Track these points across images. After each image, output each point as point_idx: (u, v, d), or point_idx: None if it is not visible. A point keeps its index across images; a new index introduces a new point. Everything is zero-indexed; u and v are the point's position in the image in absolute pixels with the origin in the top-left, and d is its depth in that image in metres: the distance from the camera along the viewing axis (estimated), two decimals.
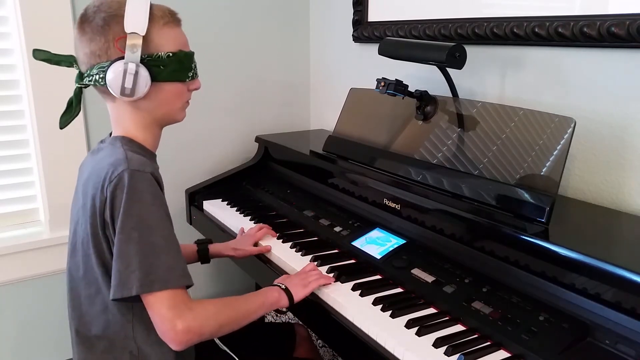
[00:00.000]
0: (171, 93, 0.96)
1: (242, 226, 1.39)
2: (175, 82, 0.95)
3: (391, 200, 1.25)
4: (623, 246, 1.01)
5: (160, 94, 0.95)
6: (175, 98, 0.97)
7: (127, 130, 0.97)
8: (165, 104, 0.97)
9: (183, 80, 0.96)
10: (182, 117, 1.01)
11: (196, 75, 0.99)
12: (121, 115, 0.97)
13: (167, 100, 0.96)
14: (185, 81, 0.96)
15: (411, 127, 1.33)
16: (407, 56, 1.27)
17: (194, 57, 0.98)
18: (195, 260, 1.31)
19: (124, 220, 0.85)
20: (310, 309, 1.08)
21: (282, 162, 1.69)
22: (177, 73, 0.94)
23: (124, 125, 0.97)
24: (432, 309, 0.99)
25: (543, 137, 1.05)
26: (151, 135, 0.99)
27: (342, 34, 1.89)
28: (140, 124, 0.97)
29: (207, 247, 1.32)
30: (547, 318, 0.88)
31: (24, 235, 1.64)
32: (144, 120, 0.97)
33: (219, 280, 2.03)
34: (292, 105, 2.10)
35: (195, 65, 0.99)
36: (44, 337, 1.72)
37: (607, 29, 1.09)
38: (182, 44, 0.96)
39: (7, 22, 1.53)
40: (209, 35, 1.83)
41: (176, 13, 0.96)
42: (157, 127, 1.00)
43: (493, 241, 1.02)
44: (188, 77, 0.96)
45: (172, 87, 0.95)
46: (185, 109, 1.01)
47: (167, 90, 0.95)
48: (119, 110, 0.96)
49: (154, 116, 0.98)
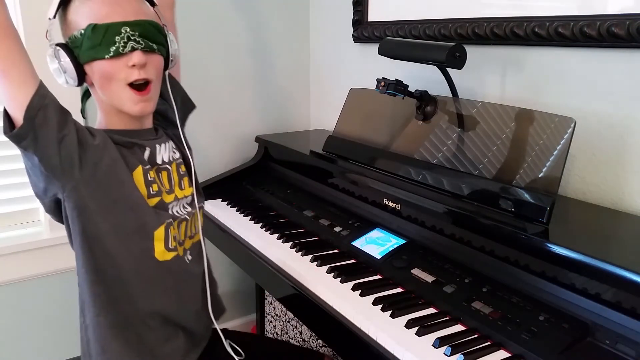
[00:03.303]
0: (99, 73, 0.87)
1: None
2: (98, 60, 0.85)
3: (391, 200, 1.25)
4: (623, 246, 1.01)
5: (95, 76, 0.88)
6: (105, 78, 0.87)
7: (98, 120, 0.96)
8: (103, 88, 0.88)
9: (101, 57, 0.84)
10: (130, 106, 0.89)
11: (125, 49, 0.85)
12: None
13: (102, 83, 0.88)
14: (104, 57, 0.84)
15: (411, 127, 1.33)
16: (407, 56, 1.27)
17: (118, 27, 0.84)
18: None
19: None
20: (310, 309, 1.09)
21: (282, 162, 1.69)
22: (92, 50, 0.84)
23: (98, 116, 0.96)
24: (432, 309, 0.99)
25: (543, 137, 1.05)
26: (117, 119, 0.94)
27: (342, 34, 1.88)
28: (103, 110, 0.94)
29: None
30: (547, 318, 0.88)
31: (24, 235, 1.64)
32: (104, 107, 0.94)
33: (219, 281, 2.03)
34: (292, 105, 2.10)
35: (124, 37, 0.85)
36: (44, 337, 1.72)
37: (607, 29, 1.09)
38: (96, 16, 0.84)
39: None
40: (208, 35, 1.83)
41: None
42: (122, 114, 0.92)
43: (493, 241, 1.02)
44: (109, 52, 0.84)
45: (99, 66, 0.86)
46: (135, 96, 0.88)
47: (97, 71, 0.87)
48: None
49: (108, 102, 0.91)
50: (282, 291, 1.19)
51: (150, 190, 0.96)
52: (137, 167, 0.94)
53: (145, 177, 0.95)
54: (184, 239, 1.03)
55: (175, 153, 1.05)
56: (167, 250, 0.97)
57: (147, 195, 0.95)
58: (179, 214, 1.02)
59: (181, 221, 1.02)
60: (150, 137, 1.01)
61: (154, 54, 0.91)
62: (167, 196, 1.00)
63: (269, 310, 1.86)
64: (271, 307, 1.84)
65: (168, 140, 1.04)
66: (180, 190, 1.04)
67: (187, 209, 1.05)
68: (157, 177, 0.99)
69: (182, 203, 1.04)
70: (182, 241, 1.02)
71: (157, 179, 0.98)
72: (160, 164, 1.00)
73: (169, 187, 1.01)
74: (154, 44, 0.90)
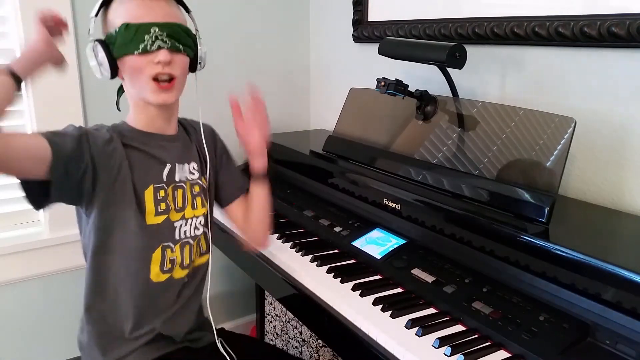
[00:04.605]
0: (129, 67, 0.95)
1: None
2: (129, 56, 0.93)
3: (391, 200, 1.25)
4: (623, 246, 1.01)
5: (125, 70, 0.96)
6: (134, 72, 0.94)
7: (130, 112, 1.03)
8: (132, 80, 0.97)
9: (131, 52, 0.92)
10: (153, 96, 0.96)
11: (153, 47, 0.92)
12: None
13: (131, 76, 0.96)
14: (134, 53, 0.92)
15: (411, 127, 1.33)
16: (407, 56, 1.27)
17: (147, 27, 0.92)
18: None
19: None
20: (310, 309, 1.09)
21: (282, 162, 1.69)
22: (124, 46, 0.92)
23: (130, 111, 1.03)
24: (432, 309, 0.99)
25: (543, 137, 1.05)
26: (144, 115, 1.01)
27: (342, 34, 1.88)
28: (132, 104, 1.01)
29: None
30: (547, 318, 0.88)
31: (24, 235, 1.63)
32: (132, 99, 1.01)
33: (219, 281, 2.03)
34: (292, 105, 2.10)
35: (152, 36, 0.92)
36: (45, 337, 1.72)
37: (607, 28, 1.09)
38: (130, 17, 0.92)
39: (6, 22, 1.53)
40: (208, 35, 1.82)
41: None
42: (149, 106, 1.00)
43: (493, 241, 1.02)
44: (138, 48, 0.92)
45: (129, 61, 0.94)
46: (157, 87, 0.95)
47: (128, 66, 0.94)
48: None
49: (136, 94, 0.99)
50: (282, 291, 1.19)
51: (158, 209, 1.00)
52: (148, 187, 0.99)
53: (155, 196, 1.00)
54: (189, 263, 1.06)
55: (194, 174, 1.08)
56: (161, 272, 1.01)
57: (155, 213, 0.99)
58: (182, 237, 1.04)
59: (184, 245, 1.04)
60: (170, 144, 1.04)
61: (179, 53, 0.97)
62: (174, 214, 1.02)
63: (269, 310, 1.86)
64: (271, 307, 1.84)
65: (190, 162, 1.08)
66: (192, 210, 1.06)
67: (199, 230, 1.07)
68: (172, 194, 1.02)
69: (193, 223, 1.06)
70: (187, 265, 1.05)
71: (171, 196, 1.02)
72: (177, 181, 1.04)
73: (182, 205, 1.04)
74: (181, 45, 0.96)
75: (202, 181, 1.10)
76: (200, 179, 1.09)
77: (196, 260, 1.08)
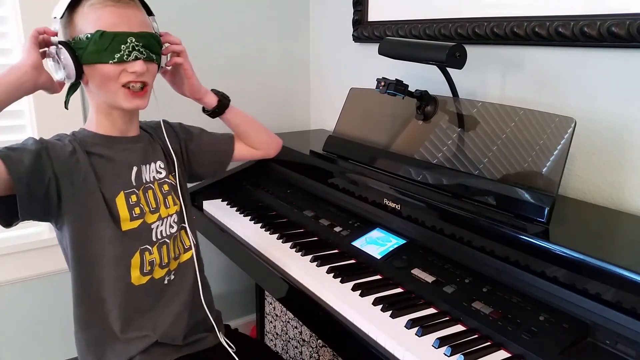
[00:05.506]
0: (100, 75, 0.92)
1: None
2: (103, 64, 0.91)
3: (391, 200, 1.25)
4: (623, 246, 1.01)
5: (94, 76, 0.93)
6: (106, 80, 0.93)
7: (89, 117, 1.02)
8: (100, 87, 0.94)
9: (105, 62, 0.91)
10: (125, 102, 0.95)
11: (129, 57, 0.91)
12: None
13: (100, 83, 0.94)
14: (108, 62, 0.91)
15: (411, 127, 1.33)
16: (407, 56, 1.27)
17: (124, 37, 0.91)
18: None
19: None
20: (310, 309, 1.09)
21: (282, 162, 1.69)
22: (97, 54, 0.90)
23: (89, 115, 1.02)
24: (432, 309, 0.99)
25: (543, 137, 1.05)
26: (107, 120, 1.00)
27: (342, 34, 1.88)
28: (95, 107, 1.00)
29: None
30: (547, 318, 0.88)
31: (23, 236, 1.63)
32: (96, 103, 0.99)
33: (219, 281, 2.03)
34: (292, 105, 2.10)
35: (129, 46, 0.91)
36: (45, 337, 1.72)
37: (607, 28, 1.09)
38: (105, 24, 0.90)
39: (6, 22, 1.53)
40: (208, 36, 1.83)
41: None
42: (113, 110, 0.99)
43: (493, 241, 1.02)
44: (113, 58, 0.90)
45: (102, 69, 0.92)
46: (129, 94, 0.94)
47: (99, 72, 0.92)
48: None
49: (102, 99, 0.97)
50: (282, 291, 1.19)
51: (133, 214, 1.00)
52: (119, 194, 0.99)
53: (128, 202, 1.00)
54: (168, 261, 1.06)
55: (161, 173, 1.08)
56: (142, 275, 1.02)
57: (130, 219, 0.99)
58: (159, 238, 1.04)
59: (161, 245, 1.04)
60: (133, 146, 1.04)
61: (152, 62, 0.97)
62: (150, 216, 1.03)
63: (269, 310, 1.86)
64: (271, 307, 1.84)
65: (156, 161, 1.07)
66: (166, 208, 1.06)
67: (173, 228, 1.07)
68: (143, 197, 1.02)
69: (167, 222, 1.06)
70: (166, 264, 1.05)
71: (143, 199, 1.02)
72: (145, 182, 1.04)
73: (155, 205, 1.04)
74: (154, 55, 0.97)
75: (170, 179, 1.09)
76: (168, 177, 1.09)
77: (181, 257, 1.09)
